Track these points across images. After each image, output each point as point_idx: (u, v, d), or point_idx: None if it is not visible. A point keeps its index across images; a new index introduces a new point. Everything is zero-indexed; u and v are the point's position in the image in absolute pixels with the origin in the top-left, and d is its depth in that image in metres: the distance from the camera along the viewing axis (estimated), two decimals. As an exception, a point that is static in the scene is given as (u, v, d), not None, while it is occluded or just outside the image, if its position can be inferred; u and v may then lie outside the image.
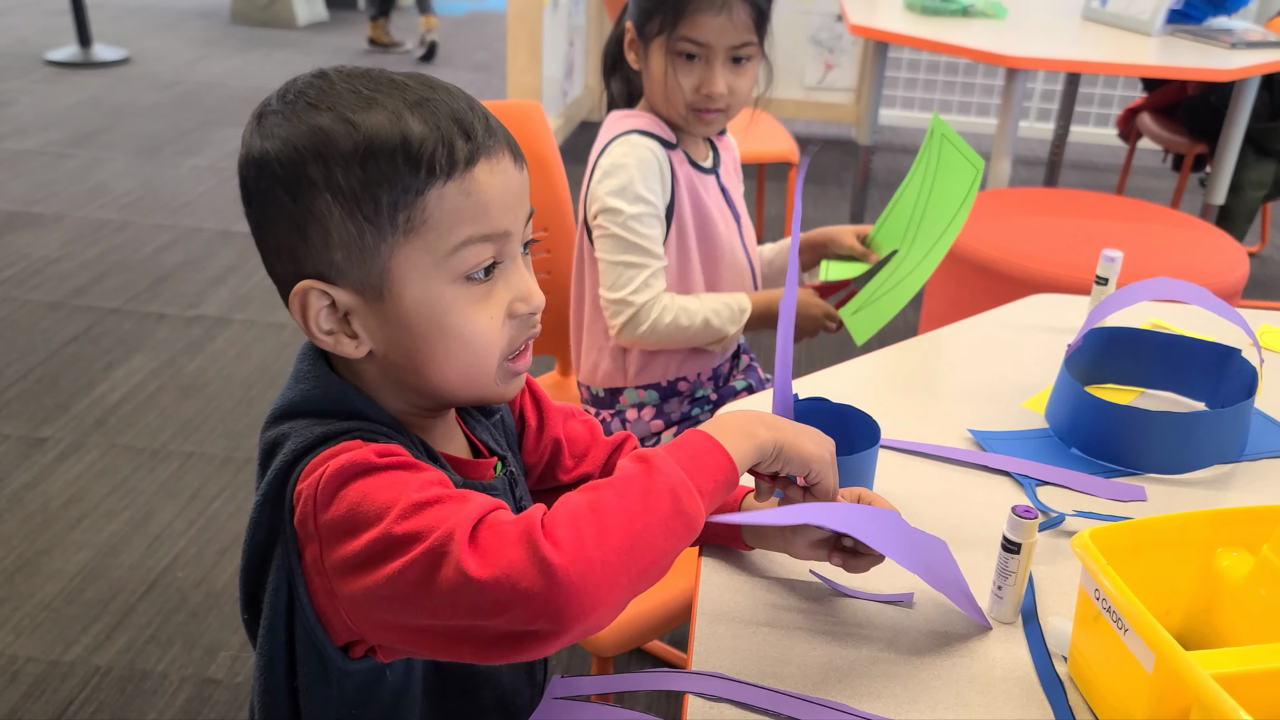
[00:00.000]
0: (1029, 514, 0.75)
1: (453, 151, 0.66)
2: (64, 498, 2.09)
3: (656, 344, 1.38)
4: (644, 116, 1.39)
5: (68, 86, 4.79)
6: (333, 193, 0.65)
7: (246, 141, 0.69)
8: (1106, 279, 1.17)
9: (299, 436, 0.67)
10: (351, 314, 0.69)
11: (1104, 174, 4.25)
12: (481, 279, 0.69)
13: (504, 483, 0.79)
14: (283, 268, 0.69)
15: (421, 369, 0.70)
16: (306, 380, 0.71)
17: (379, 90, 0.66)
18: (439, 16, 6.77)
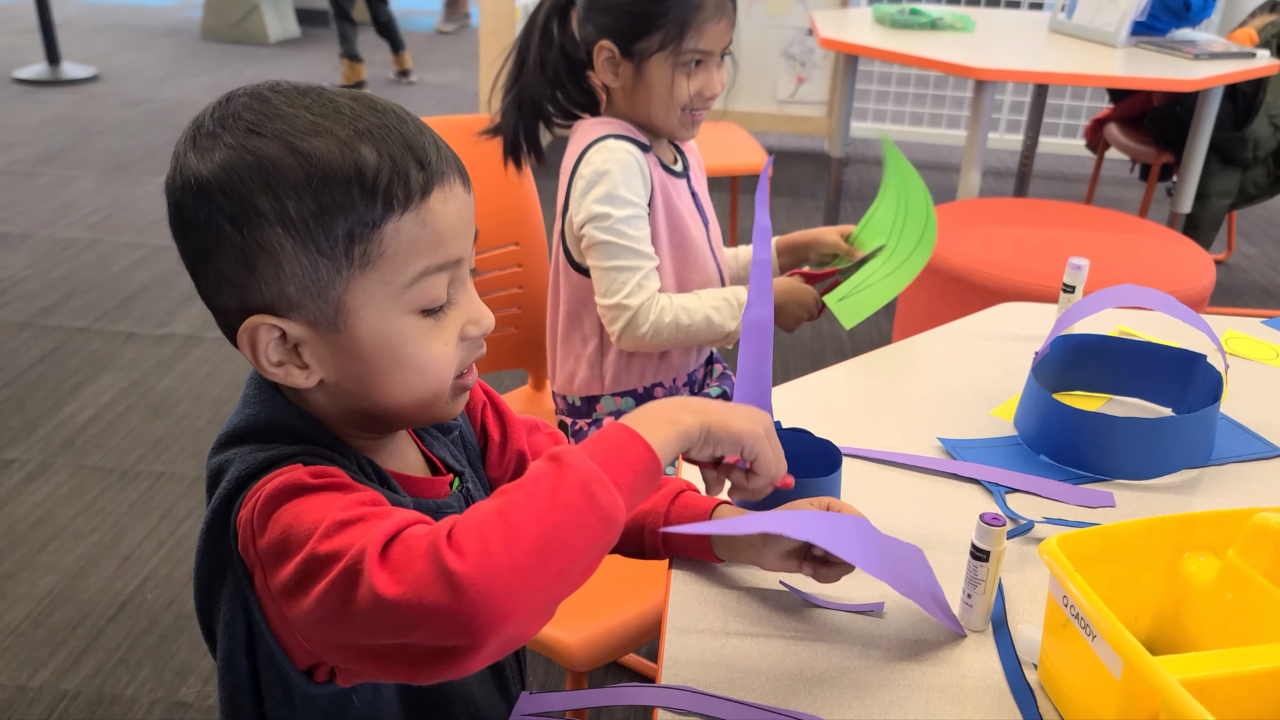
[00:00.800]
0: (997, 521, 0.75)
1: (408, 181, 0.64)
2: (31, 520, 2.05)
3: (659, 346, 1.36)
4: (616, 123, 1.39)
5: (35, 104, 4.75)
6: (284, 225, 0.63)
7: (180, 162, 0.65)
8: (1073, 287, 1.18)
9: (241, 463, 0.66)
10: (302, 345, 0.67)
11: (1073, 184, 4.30)
12: (437, 310, 0.68)
13: (459, 500, 0.78)
14: (225, 299, 0.67)
15: (375, 396, 0.69)
16: (252, 405, 0.70)
17: (326, 115, 0.64)
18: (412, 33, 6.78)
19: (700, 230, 1.45)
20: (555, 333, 1.47)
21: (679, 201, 1.41)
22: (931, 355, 1.19)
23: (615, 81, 1.36)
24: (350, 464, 0.69)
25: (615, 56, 1.34)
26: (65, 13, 6.52)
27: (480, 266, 1.57)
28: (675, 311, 1.34)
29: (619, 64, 1.34)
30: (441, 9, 7.36)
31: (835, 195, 3.38)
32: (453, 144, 1.57)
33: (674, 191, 1.41)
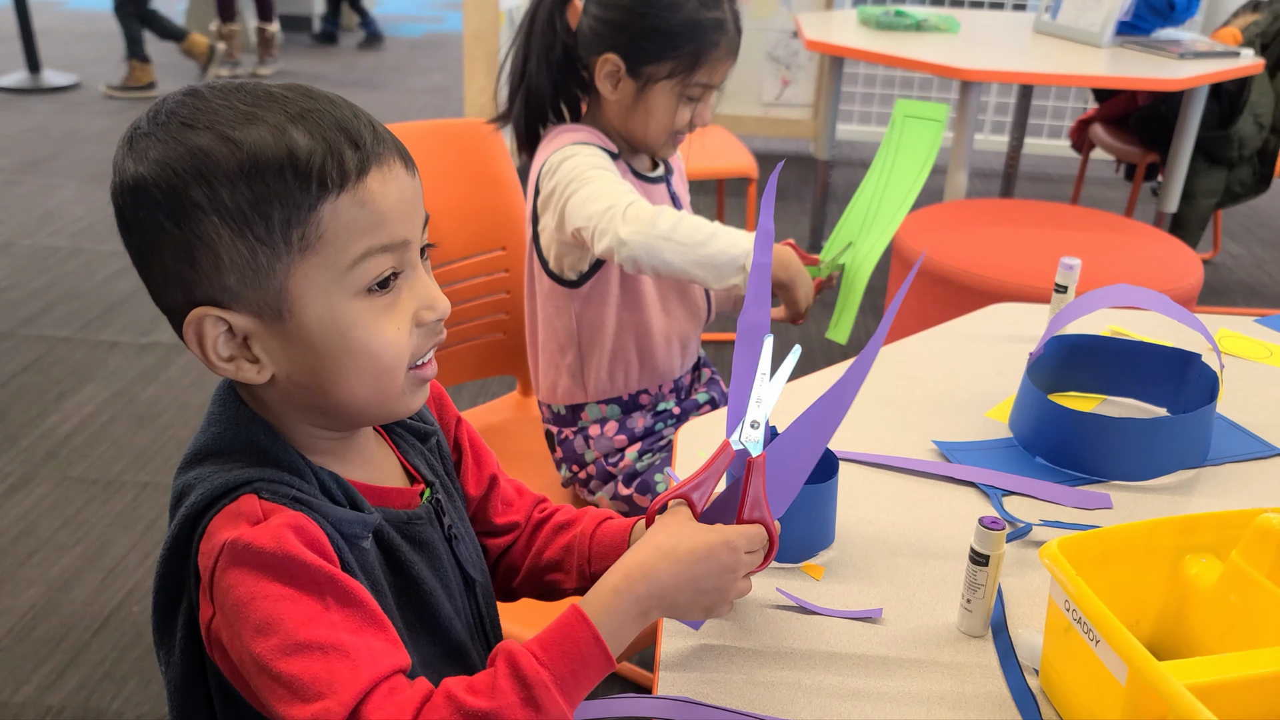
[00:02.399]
0: (996, 525, 0.74)
1: (343, 162, 0.63)
2: (13, 533, 2.03)
3: (665, 243, 1.20)
4: (585, 130, 1.37)
5: (16, 113, 4.71)
6: (219, 215, 0.62)
7: (118, 167, 0.65)
8: (1065, 286, 1.18)
9: (202, 487, 0.65)
10: (250, 338, 0.66)
11: (1058, 184, 4.31)
12: (383, 290, 0.67)
13: (429, 511, 0.76)
14: (172, 297, 0.66)
15: (328, 387, 0.67)
16: (217, 423, 0.69)
17: (257, 104, 0.64)
18: (397, 38, 6.76)
19: None
20: (535, 343, 1.45)
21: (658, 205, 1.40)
22: (924, 357, 1.18)
23: (613, 95, 1.34)
24: (311, 484, 0.67)
25: (620, 72, 1.32)
26: (46, 20, 6.48)
27: (465, 272, 1.55)
28: (679, 216, 1.22)
29: (621, 80, 1.33)
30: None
31: (822, 198, 3.37)
32: (437, 147, 1.57)
33: (652, 196, 1.39)
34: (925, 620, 0.79)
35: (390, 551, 0.71)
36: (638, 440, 1.45)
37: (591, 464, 1.45)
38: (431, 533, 0.75)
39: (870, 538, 0.87)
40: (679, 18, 1.28)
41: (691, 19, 1.28)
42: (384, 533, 0.71)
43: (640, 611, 0.68)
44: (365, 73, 5.78)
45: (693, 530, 0.70)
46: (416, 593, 0.73)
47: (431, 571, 0.74)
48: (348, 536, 0.67)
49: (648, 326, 1.42)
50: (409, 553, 0.72)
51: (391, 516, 0.72)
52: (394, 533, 0.71)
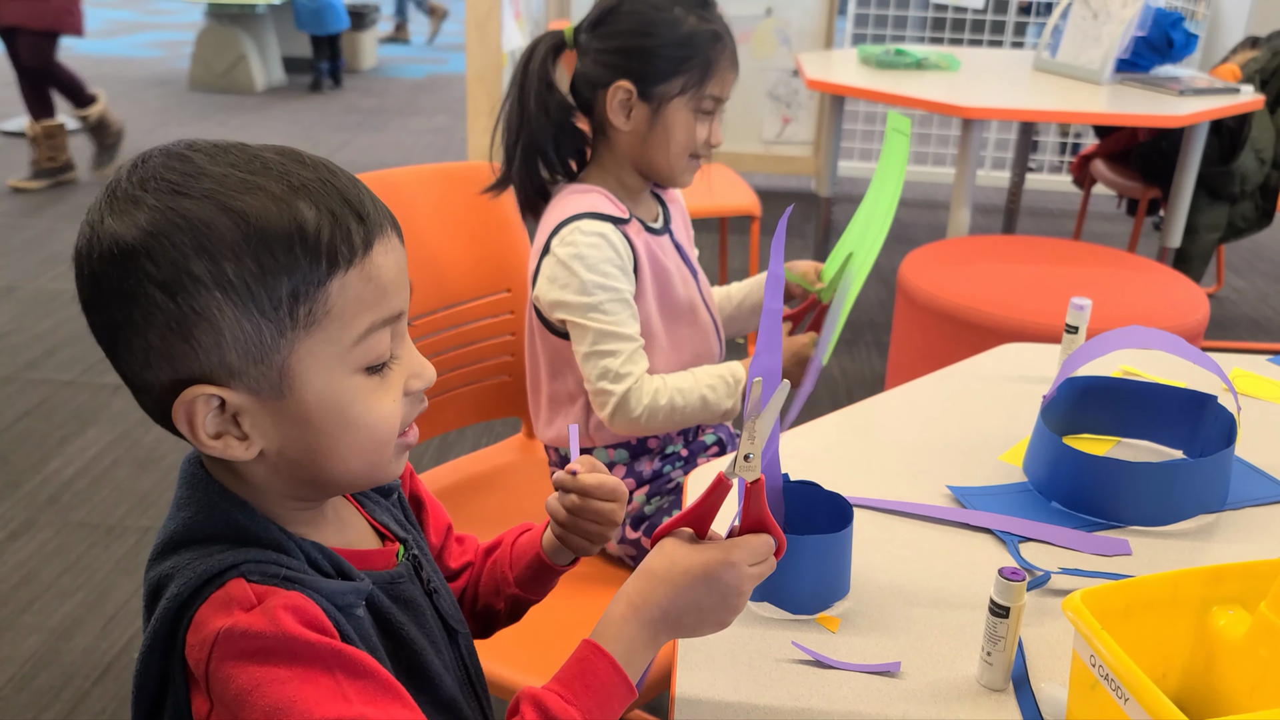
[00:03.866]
0: (1016, 576, 0.73)
1: (350, 236, 0.62)
2: (14, 580, 2.01)
3: (654, 429, 1.34)
4: (595, 193, 1.36)
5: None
6: (223, 290, 0.59)
7: (96, 230, 0.61)
8: (1076, 327, 1.17)
9: (183, 577, 0.62)
10: (241, 414, 0.63)
11: (1060, 220, 4.31)
12: (382, 366, 0.66)
13: (408, 569, 0.74)
14: (155, 374, 0.62)
15: (321, 462, 0.65)
16: (188, 506, 0.66)
17: (254, 171, 0.61)
18: (398, 80, 6.81)
19: (688, 283, 1.44)
20: (538, 389, 1.44)
21: (664, 259, 1.40)
22: (934, 400, 1.17)
23: (626, 124, 1.34)
24: (298, 559, 0.65)
25: (632, 98, 1.32)
26: (52, 64, 6.53)
27: (470, 314, 1.55)
28: (670, 394, 1.31)
29: (634, 106, 1.33)
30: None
31: (824, 234, 3.37)
32: (441, 190, 1.57)
33: (659, 250, 1.39)
34: (944, 673, 0.77)
35: (381, 615, 0.69)
36: (645, 484, 1.44)
37: (598, 508, 1.43)
38: (413, 590, 0.74)
39: (886, 587, 0.86)
40: (682, 33, 1.29)
41: (694, 32, 1.30)
42: (374, 597, 0.69)
43: (650, 635, 0.68)
44: (367, 115, 5.82)
45: (688, 551, 0.69)
46: (408, 653, 0.71)
47: (419, 629, 0.72)
48: (342, 608, 0.65)
49: (659, 371, 1.41)
50: (398, 614, 0.71)
51: (377, 579, 0.70)
52: (382, 596, 0.70)
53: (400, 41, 8.30)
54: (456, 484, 1.58)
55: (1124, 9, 2.78)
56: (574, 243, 1.30)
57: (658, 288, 1.39)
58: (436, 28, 8.24)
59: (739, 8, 4.18)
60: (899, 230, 4.18)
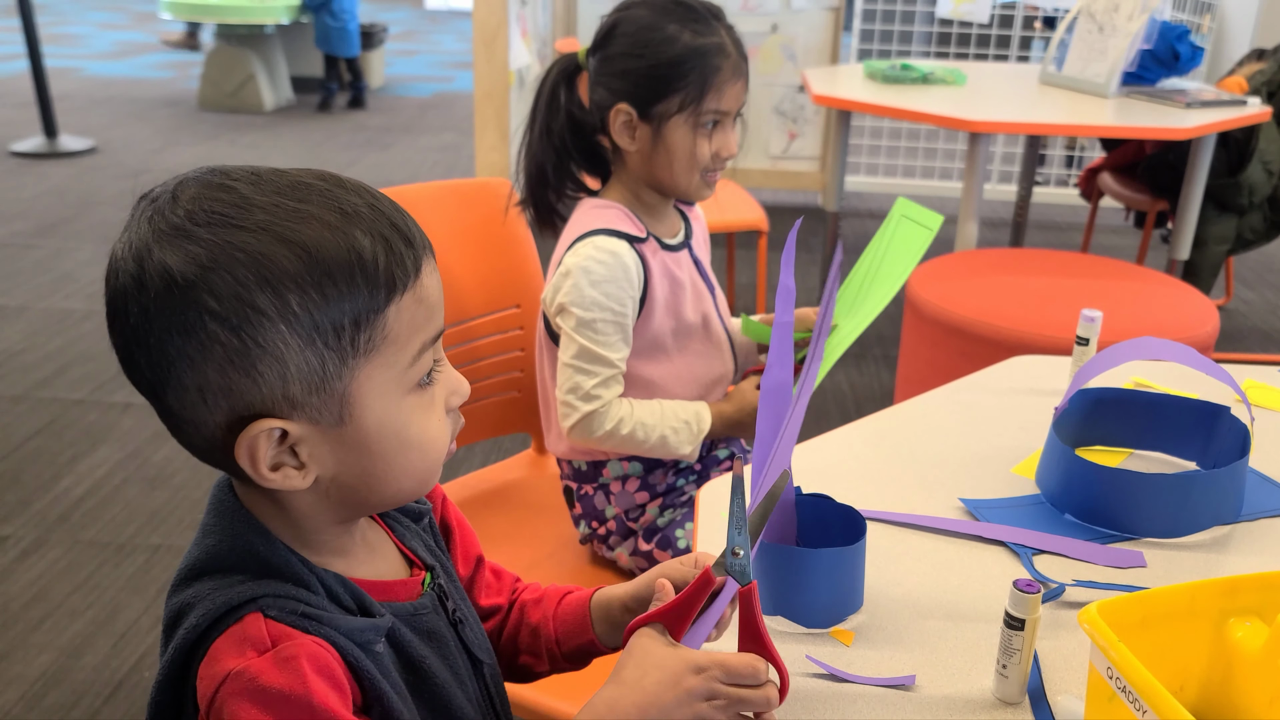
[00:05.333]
0: (1031, 588, 0.72)
1: (404, 261, 0.62)
2: (25, 598, 2.01)
3: (610, 449, 1.37)
4: (614, 209, 1.37)
5: (33, 177, 4.77)
6: (288, 322, 0.59)
7: (144, 262, 0.59)
8: (1087, 339, 1.16)
9: (202, 607, 0.61)
10: (299, 444, 0.62)
11: (1068, 233, 4.31)
12: (428, 384, 0.66)
13: (433, 599, 0.74)
14: (209, 410, 0.61)
15: (375, 485, 0.66)
16: (213, 534, 0.65)
17: (302, 200, 0.61)
18: (406, 99, 6.85)
19: (703, 298, 1.44)
20: (548, 402, 1.44)
21: (680, 274, 1.40)
22: (946, 412, 1.16)
23: (632, 145, 1.35)
24: (317, 593, 0.65)
25: (633, 119, 1.33)
26: (65, 86, 6.59)
27: (481, 330, 1.55)
28: (633, 425, 1.32)
29: (636, 127, 1.33)
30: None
31: (832, 249, 3.38)
32: (451, 206, 1.57)
33: (675, 267, 1.40)
34: (960, 687, 0.76)
35: (402, 649, 0.69)
36: (659, 496, 1.44)
37: (611, 519, 1.43)
38: (437, 620, 0.73)
39: (900, 600, 0.85)
40: (676, 50, 1.29)
41: (688, 48, 1.30)
42: (395, 631, 0.68)
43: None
44: (375, 133, 5.85)
45: (661, 657, 0.66)
46: (430, 686, 0.70)
47: (442, 661, 0.72)
48: (362, 645, 0.64)
49: (667, 388, 1.41)
50: (419, 647, 0.70)
51: (399, 611, 0.70)
52: (404, 628, 0.69)
53: (192, 49, 8.33)
54: (466, 500, 1.58)
55: (1129, 22, 2.79)
56: (586, 256, 1.31)
57: (671, 302, 1.40)
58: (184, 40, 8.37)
59: (744, 24, 4.19)
60: (906, 244, 4.17)
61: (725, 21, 1.35)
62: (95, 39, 8.59)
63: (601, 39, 1.35)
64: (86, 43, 8.40)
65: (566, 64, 1.39)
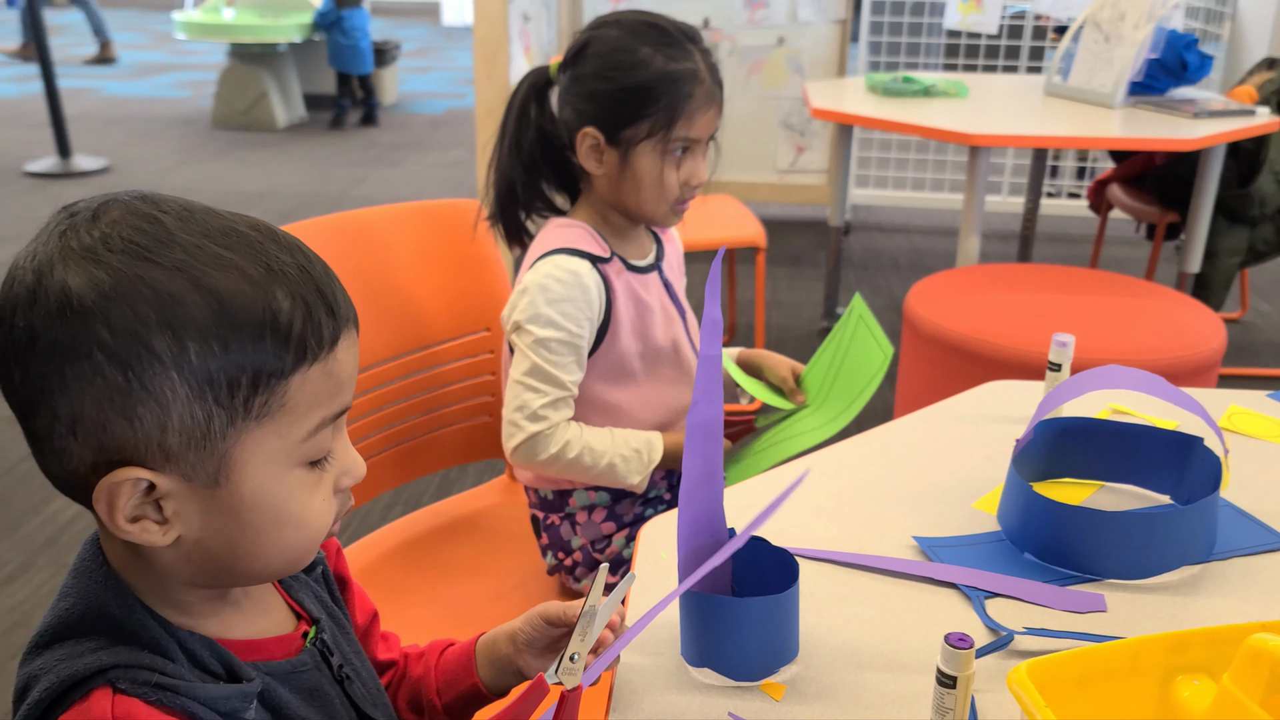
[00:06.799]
0: (963, 643, 0.67)
1: (320, 331, 0.59)
2: (6, 624, 1.99)
3: (554, 474, 1.32)
4: (579, 228, 1.34)
5: (44, 197, 4.80)
6: (180, 371, 0.56)
7: (42, 277, 0.56)
8: (1060, 365, 1.11)
9: (46, 681, 0.57)
10: (165, 498, 0.59)
11: (1079, 245, 4.23)
12: (320, 462, 0.63)
13: (314, 656, 0.70)
14: (77, 444, 0.57)
15: (240, 555, 0.62)
16: (68, 596, 0.61)
17: (228, 246, 0.57)
18: (418, 115, 6.86)
19: (673, 322, 1.40)
20: (517, 427, 1.41)
21: (648, 297, 1.36)
22: (908, 442, 1.11)
23: (599, 169, 1.31)
24: (176, 660, 0.61)
25: (600, 144, 1.29)
26: (82, 106, 6.66)
27: (449, 354, 1.52)
28: (580, 449, 1.28)
29: (604, 151, 1.30)
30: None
31: (835, 264, 3.33)
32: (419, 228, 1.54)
33: (641, 289, 1.36)
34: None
35: (278, 711, 0.65)
36: (625, 527, 1.40)
37: (578, 550, 1.39)
38: (319, 678, 0.69)
39: (839, 649, 0.80)
40: (646, 74, 1.25)
41: (660, 73, 1.25)
42: (270, 692, 0.64)
43: None
44: (385, 150, 5.86)
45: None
46: None
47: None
48: (226, 713, 0.60)
49: (634, 413, 1.37)
50: (298, 707, 0.66)
51: (275, 670, 0.66)
52: (279, 687, 0.65)
53: (107, 62, 8.41)
54: (436, 529, 1.54)
55: (1135, 31, 2.72)
56: (545, 274, 1.28)
57: (639, 326, 1.36)
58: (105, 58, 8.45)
59: (750, 38, 4.16)
60: (912, 257, 4.12)
61: (701, 45, 1.31)
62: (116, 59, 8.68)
63: (572, 57, 1.31)
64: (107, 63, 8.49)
65: (537, 78, 1.35)
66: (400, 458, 1.50)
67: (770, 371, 1.44)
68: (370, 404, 1.42)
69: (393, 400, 1.46)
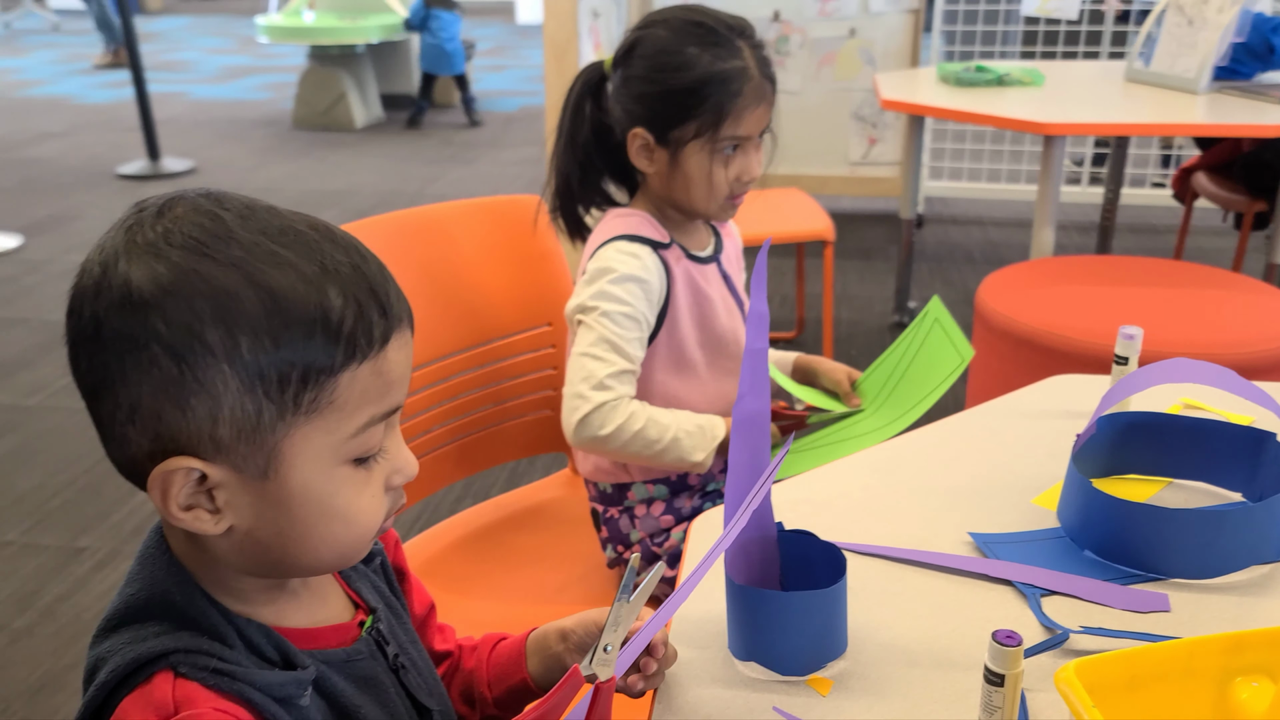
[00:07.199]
0: (1012, 641, 0.66)
1: (371, 329, 0.60)
2: (96, 609, 2.07)
3: (614, 453, 1.29)
4: (637, 216, 1.35)
5: (134, 198, 4.77)
6: (232, 364, 0.57)
7: (108, 271, 0.58)
8: (1126, 358, 1.08)
9: (113, 663, 0.60)
10: (218, 488, 0.60)
11: (1164, 235, 4.10)
12: (369, 459, 0.64)
13: (369, 644, 0.71)
14: (135, 431, 0.59)
15: (291, 548, 0.63)
16: (134, 582, 0.64)
17: (285, 245, 0.59)
18: (491, 113, 6.95)
19: (732, 313, 1.40)
20: (577, 419, 1.42)
21: (707, 287, 1.36)
22: (969, 437, 1.10)
23: (650, 167, 1.32)
24: (234, 646, 0.63)
25: (650, 144, 1.30)
26: (171, 110, 6.88)
27: (514, 348, 1.54)
28: (645, 421, 1.26)
29: (654, 151, 1.30)
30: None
31: (906, 258, 3.28)
32: (483, 224, 1.56)
33: (701, 279, 1.36)
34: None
35: (333, 699, 0.67)
36: (684, 521, 1.40)
37: (636, 544, 1.40)
38: (374, 666, 0.71)
39: (888, 645, 0.80)
40: (693, 75, 1.25)
41: (706, 73, 1.25)
42: (325, 679, 0.66)
43: None
44: (459, 148, 5.94)
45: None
46: None
47: (380, 709, 0.70)
48: (281, 699, 0.62)
49: (695, 405, 1.37)
50: (353, 695, 0.68)
51: (330, 658, 0.67)
52: (334, 675, 0.67)
53: (119, 67, 8.47)
54: (499, 521, 1.57)
55: (1220, 15, 2.63)
56: (608, 258, 1.29)
57: (697, 315, 1.36)
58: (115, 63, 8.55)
59: (822, 30, 4.12)
60: (987, 250, 4.04)
61: (751, 39, 1.30)
62: (203, 64, 8.95)
63: (622, 57, 1.32)
64: (195, 68, 8.75)
65: (591, 75, 1.36)
66: (466, 450, 1.53)
67: (825, 376, 1.43)
68: (436, 396, 1.45)
69: (459, 393, 1.49)
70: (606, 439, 1.25)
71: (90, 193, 5.05)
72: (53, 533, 2.33)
